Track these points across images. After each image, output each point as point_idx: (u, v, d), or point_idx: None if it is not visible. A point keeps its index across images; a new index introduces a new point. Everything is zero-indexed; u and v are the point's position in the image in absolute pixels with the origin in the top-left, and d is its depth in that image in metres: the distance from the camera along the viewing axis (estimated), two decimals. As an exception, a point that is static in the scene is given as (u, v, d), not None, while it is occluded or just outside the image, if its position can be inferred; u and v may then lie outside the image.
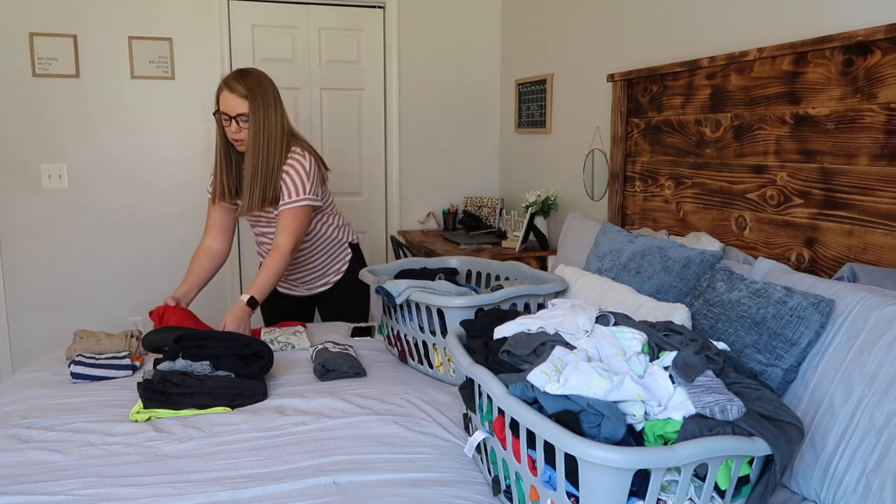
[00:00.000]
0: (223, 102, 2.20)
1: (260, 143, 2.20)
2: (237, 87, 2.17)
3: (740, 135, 2.24)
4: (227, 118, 2.21)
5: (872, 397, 1.29)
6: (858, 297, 1.44)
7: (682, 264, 1.92)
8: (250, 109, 2.18)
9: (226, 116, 2.21)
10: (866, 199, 1.82)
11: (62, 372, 2.03)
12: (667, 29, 2.67)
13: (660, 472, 1.05)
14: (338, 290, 2.59)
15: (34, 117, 3.47)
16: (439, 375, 2.00)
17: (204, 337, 1.90)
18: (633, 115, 2.79)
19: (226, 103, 2.19)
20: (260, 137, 2.19)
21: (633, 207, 2.81)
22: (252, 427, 1.66)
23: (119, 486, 1.38)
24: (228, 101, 2.19)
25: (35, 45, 3.41)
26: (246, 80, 2.19)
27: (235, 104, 2.18)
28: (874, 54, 1.78)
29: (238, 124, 2.19)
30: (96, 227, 3.64)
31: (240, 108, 2.18)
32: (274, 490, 1.38)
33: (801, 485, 1.37)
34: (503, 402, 1.20)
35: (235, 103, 2.18)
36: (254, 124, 2.19)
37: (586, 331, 1.40)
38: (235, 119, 2.19)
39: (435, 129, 4.18)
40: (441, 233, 4.02)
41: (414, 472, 1.45)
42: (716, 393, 1.18)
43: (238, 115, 2.18)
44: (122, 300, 3.74)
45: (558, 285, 2.07)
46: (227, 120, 2.21)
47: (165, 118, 3.68)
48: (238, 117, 2.18)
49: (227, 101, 2.19)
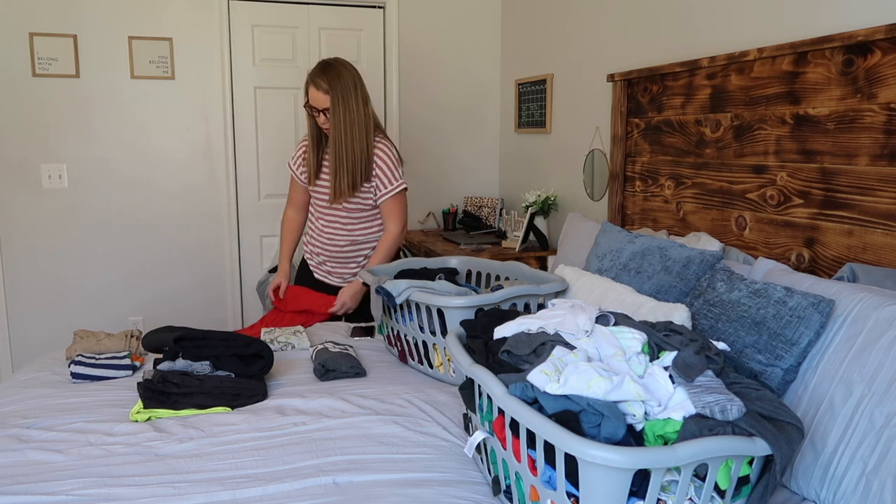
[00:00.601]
0: (310, 97, 2.37)
1: (341, 135, 2.36)
2: (320, 83, 2.34)
3: (740, 135, 2.24)
4: (315, 111, 2.38)
5: (872, 397, 1.29)
6: (858, 297, 1.44)
7: (682, 264, 1.92)
8: (331, 104, 2.33)
9: (315, 109, 2.38)
10: (866, 199, 1.82)
11: (62, 372, 2.03)
12: (667, 29, 2.67)
13: (660, 472, 1.05)
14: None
15: (34, 117, 3.47)
16: (439, 375, 2.00)
17: (204, 337, 1.90)
18: (633, 115, 2.79)
19: (312, 98, 2.37)
20: (341, 129, 2.36)
21: (633, 207, 2.81)
22: (252, 427, 1.66)
23: (119, 486, 1.38)
24: (314, 96, 2.36)
25: (35, 45, 3.41)
26: (328, 74, 2.34)
27: (320, 99, 2.35)
28: (874, 54, 1.78)
29: (325, 116, 2.38)
30: (96, 226, 3.64)
31: (324, 103, 2.35)
32: (274, 490, 1.38)
33: (801, 485, 1.37)
34: (503, 402, 1.20)
35: (320, 98, 2.35)
36: (334, 117, 2.35)
37: (586, 331, 1.40)
38: (323, 112, 2.36)
39: (435, 129, 4.18)
40: (441, 233, 4.02)
41: (414, 472, 1.45)
42: (716, 393, 1.18)
43: (325, 109, 2.36)
44: (122, 300, 3.74)
45: (558, 285, 2.07)
46: (317, 112, 2.38)
47: (165, 118, 3.68)
48: (325, 111, 2.36)
49: (312, 95, 2.37)
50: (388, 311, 2.18)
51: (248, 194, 3.88)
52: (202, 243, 3.84)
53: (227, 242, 3.87)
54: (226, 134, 3.77)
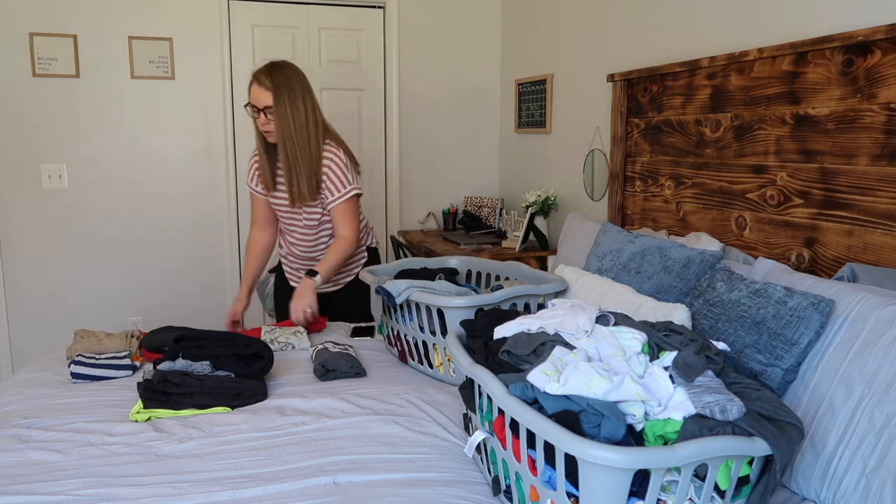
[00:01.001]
0: (251, 94, 2.28)
1: (289, 136, 2.27)
2: (264, 81, 2.25)
3: (740, 135, 2.24)
4: (255, 110, 2.28)
5: (872, 397, 1.29)
6: (858, 297, 1.44)
7: (682, 264, 1.92)
8: (274, 102, 2.24)
9: (255, 108, 2.28)
10: (866, 199, 1.82)
11: (62, 372, 2.03)
12: (667, 29, 2.67)
13: (660, 472, 1.05)
14: (345, 291, 2.59)
15: (34, 117, 3.47)
16: (439, 375, 2.00)
17: (204, 337, 1.90)
18: (633, 115, 2.79)
19: (253, 95, 2.28)
20: (289, 130, 2.27)
21: (633, 207, 2.81)
22: (252, 427, 1.66)
23: (119, 486, 1.38)
24: (255, 94, 2.27)
25: (35, 45, 3.41)
26: (274, 73, 2.26)
27: (261, 97, 2.25)
28: (874, 54, 1.78)
29: (266, 116, 2.27)
30: (96, 226, 3.65)
31: (265, 101, 2.25)
32: (274, 490, 1.38)
33: (801, 485, 1.37)
34: (503, 402, 1.20)
35: (261, 96, 2.25)
36: (279, 117, 2.25)
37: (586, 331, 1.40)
38: (263, 111, 2.26)
39: (435, 130, 4.18)
40: (441, 233, 4.02)
41: (414, 472, 1.45)
42: (716, 393, 1.18)
43: (265, 108, 2.26)
44: (122, 300, 3.74)
45: (558, 285, 2.07)
46: (256, 112, 2.28)
47: (165, 118, 3.68)
48: (265, 109, 2.26)
49: (254, 93, 2.27)
50: (388, 311, 2.18)
51: (248, 194, 3.87)
52: (202, 243, 3.84)
53: (227, 242, 3.87)
54: (226, 134, 3.77)
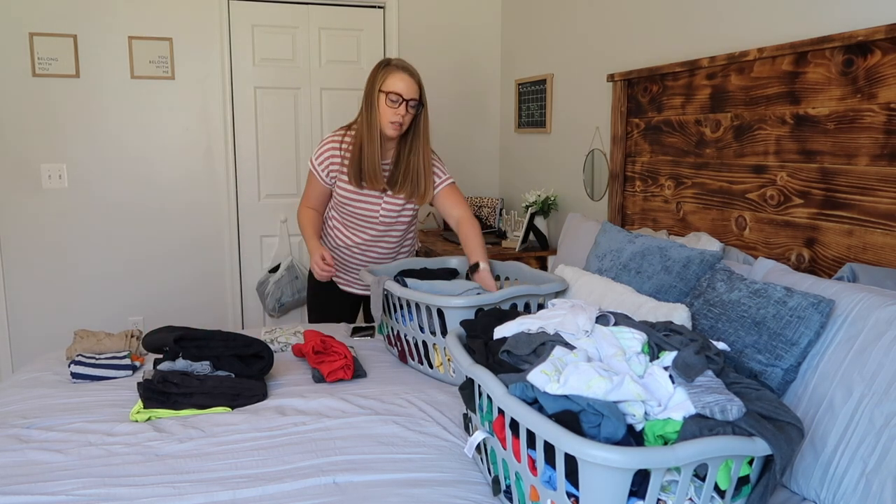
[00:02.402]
0: (400, 83, 2.23)
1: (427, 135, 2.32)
2: (415, 73, 2.26)
3: (740, 135, 2.24)
4: (398, 100, 2.23)
5: (872, 397, 1.29)
6: (858, 297, 1.44)
7: (682, 264, 1.92)
8: (422, 97, 2.27)
9: (398, 98, 2.22)
10: (866, 199, 1.82)
11: (62, 372, 2.03)
12: (667, 29, 2.67)
13: (660, 472, 1.05)
14: None
15: (34, 117, 3.47)
16: (439, 375, 2.00)
17: (204, 337, 1.90)
18: (633, 115, 2.79)
19: (404, 85, 2.23)
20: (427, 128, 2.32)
21: (633, 207, 2.81)
22: (252, 427, 1.66)
23: (119, 486, 1.38)
24: (407, 84, 2.23)
25: (35, 45, 3.41)
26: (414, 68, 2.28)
27: (412, 88, 2.24)
28: (874, 54, 1.78)
29: (407, 108, 2.25)
30: (96, 227, 3.64)
31: (414, 93, 2.24)
32: (274, 490, 1.38)
33: (801, 485, 1.37)
34: (503, 402, 1.20)
35: (412, 87, 2.24)
36: (426, 112, 2.30)
37: (586, 331, 1.40)
38: (408, 102, 2.24)
39: (435, 129, 4.16)
40: (441, 233, 4.02)
41: (414, 472, 1.45)
42: (716, 393, 1.18)
43: (411, 100, 2.24)
44: (122, 300, 3.74)
45: (558, 285, 2.07)
46: (399, 102, 2.23)
47: (165, 118, 3.68)
48: (410, 101, 2.24)
49: (405, 83, 2.23)
50: (388, 311, 2.18)
51: (248, 194, 3.87)
52: (202, 244, 3.84)
53: (227, 243, 3.87)
54: (226, 134, 3.77)
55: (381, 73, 2.25)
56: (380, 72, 2.26)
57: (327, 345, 2.04)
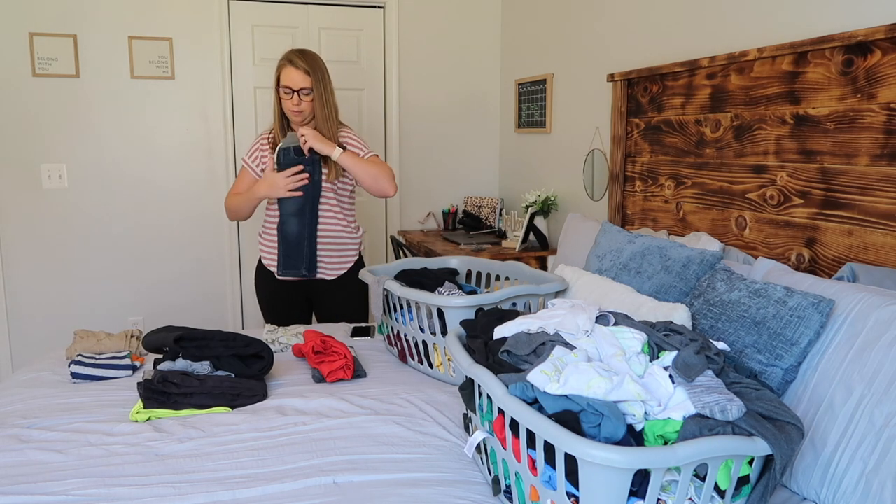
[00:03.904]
0: (287, 76, 2.41)
1: (324, 116, 2.45)
2: (300, 63, 2.40)
3: (740, 135, 2.24)
4: (289, 91, 2.41)
5: (872, 397, 1.29)
6: (858, 297, 1.44)
7: (682, 264, 1.92)
8: (313, 84, 2.41)
9: (288, 90, 2.41)
10: (866, 199, 1.82)
11: (62, 372, 2.03)
12: (667, 29, 2.67)
13: (660, 472, 1.05)
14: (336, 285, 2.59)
15: (34, 117, 3.47)
16: (439, 375, 2.00)
17: (204, 337, 1.90)
18: (633, 115, 2.79)
19: (289, 77, 2.41)
20: (323, 111, 2.44)
21: (633, 207, 2.81)
22: (252, 427, 1.66)
23: (119, 486, 1.38)
24: (292, 75, 2.40)
25: (35, 45, 3.41)
26: (306, 57, 2.42)
27: (298, 78, 2.40)
28: (874, 54, 1.78)
29: (300, 98, 2.41)
30: (96, 226, 3.64)
31: (302, 83, 2.40)
32: (274, 490, 1.38)
33: (801, 485, 1.37)
34: (503, 402, 1.20)
35: (299, 78, 2.40)
36: (318, 98, 2.43)
37: (586, 331, 1.40)
38: (298, 93, 2.40)
39: (435, 129, 4.18)
40: (441, 233, 4.02)
41: (414, 472, 1.45)
42: (716, 393, 1.18)
43: (301, 90, 2.40)
44: (122, 300, 3.74)
45: (558, 285, 2.07)
46: (290, 93, 2.41)
47: (165, 118, 3.68)
48: (300, 91, 2.40)
49: (290, 74, 2.41)
50: (388, 311, 2.18)
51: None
52: (202, 243, 3.84)
53: (227, 242, 3.87)
54: (226, 134, 3.77)
55: (278, 67, 2.45)
56: (278, 66, 2.45)
57: (327, 345, 2.05)
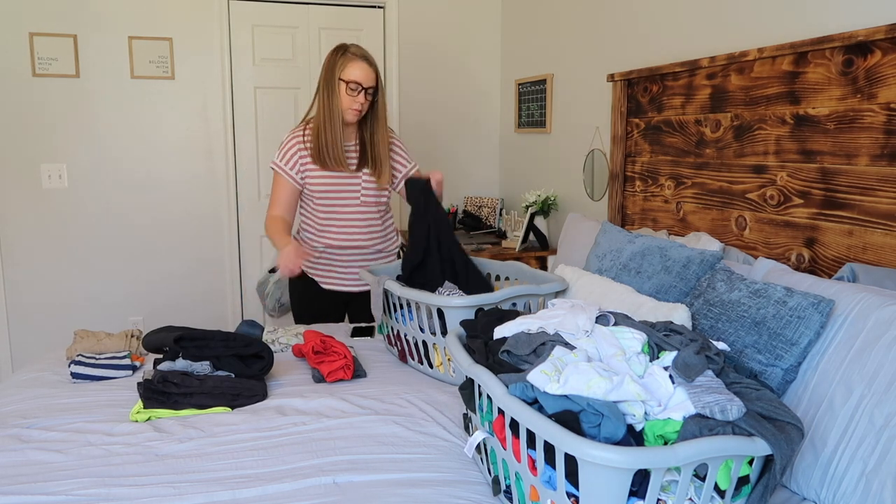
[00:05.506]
0: (359, 72, 2.28)
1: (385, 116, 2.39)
2: (373, 61, 2.32)
3: (740, 135, 2.24)
4: (357, 88, 2.28)
5: (872, 397, 1.29)
6: (858, 297, 1.44)
7: (682, 264, 1.92)
8: (379, 83, 2.33)
9: (357, 85, 2.28)
10: (866, 199, 1.82)
11: (62, 372, 2.03)
12: (667, 29, 2.67)
13: (660, 472, 1.05)
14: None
15: (34, 117, 3.47)
16: (439, 375, 2.00)
17: (204, 337, 1.90)
18: (633, 115, 2.79)
19: (362, 73, 2.28)
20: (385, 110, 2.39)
21: (633, 207, 2.81)
22: (252, 427, 1.66)
23: (119, 486, 1.38)
24: (365, 72, 2.29)
25: (35, 45, 3.41)
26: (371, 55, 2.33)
27: (371, 76, 2.30)
28: (874, 54, 1.78)
29: (366, 96, 2.30)
30: (96, 226, 3.64)
31: (372, 81, 2.31)
32: (274, 490, 1.38)
33: (801, 485, 1.37)
34: (503, 402, 1.20)
35: (371, 76, 2.30)
36: (383, 97, 2.37)
37: (586, 331, 1.40)
38: (367, 90, 2.30)
39: (435, 129, 4.18)
40: (441, 233, 4.02)
41: (414, 472, 1.45)
42: (716, 393, 1.18)
43: (370, 88, 2.30)
44: (122, 300, 3.74)
45: (558, 285, 2.07)
46: (358, 90, 2.28)
47: (165, 118, 3.68)
48: (369, 89, 2.30)
49: (363, 71, 2.29)
50: (389, 311, 2.18)
51: (248, 194, 3.87)
52: (202, 243, 3.84)
53: (227, 242, 3.87)
54: (226, 134, 3.77)
55: (340, 60, 2.29)
56: (338, 59, 2.29)
57: (327, 345, 2.04)
